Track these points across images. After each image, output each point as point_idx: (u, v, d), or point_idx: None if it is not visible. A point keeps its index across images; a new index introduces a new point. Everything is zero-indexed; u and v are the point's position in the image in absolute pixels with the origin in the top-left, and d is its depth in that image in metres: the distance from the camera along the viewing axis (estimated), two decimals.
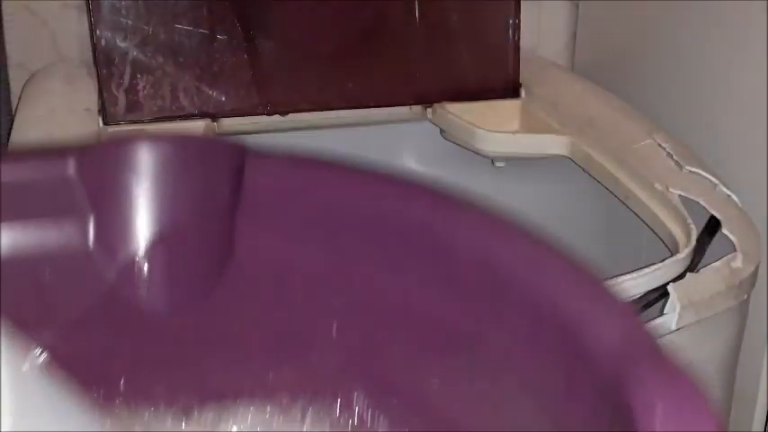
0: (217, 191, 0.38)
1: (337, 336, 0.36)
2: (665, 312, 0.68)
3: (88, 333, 0.36)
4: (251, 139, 1.06)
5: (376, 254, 0.35)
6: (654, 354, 0.29)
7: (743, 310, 0.76)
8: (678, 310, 0.68)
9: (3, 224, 0.36)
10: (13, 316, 0.32)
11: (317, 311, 0.36)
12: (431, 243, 0.34)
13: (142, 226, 0.37)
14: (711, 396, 0.75)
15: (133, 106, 0.96)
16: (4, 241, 0.36)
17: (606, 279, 0.68)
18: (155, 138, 0.38)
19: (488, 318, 0.34)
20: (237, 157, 0.38)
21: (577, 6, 1.25)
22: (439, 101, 1.06)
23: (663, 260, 0.70)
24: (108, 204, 0.37)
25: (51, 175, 0.37)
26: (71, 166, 0.37)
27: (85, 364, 0.36)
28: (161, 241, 0.37)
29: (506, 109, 1.07)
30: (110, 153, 0.38)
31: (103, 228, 0.37)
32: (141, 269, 0.37)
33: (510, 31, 1.06)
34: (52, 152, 0.38)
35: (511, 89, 1.08)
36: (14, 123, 0.90)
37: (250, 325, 0.37)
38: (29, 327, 0.33)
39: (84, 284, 0.37)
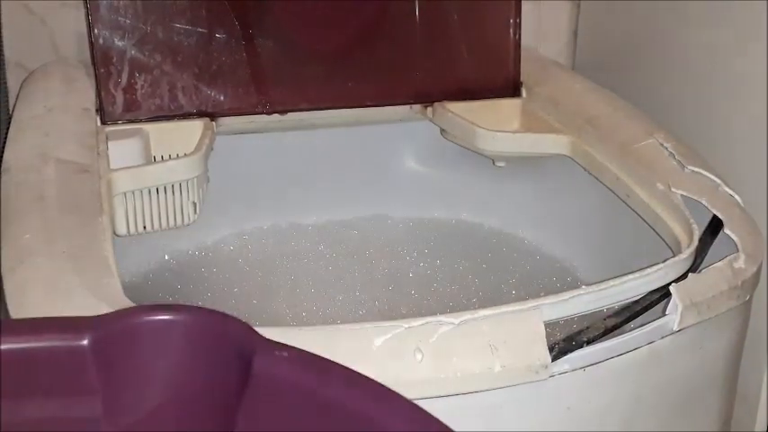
0: (225, 371, 0.39)
1: None
2: (666, 313, 0.68)
3: None
4: (251, 139, 1.06)
5: None
6: None
7: (745, 310, 0.75)
8: (680, 310, 0.68)
9: (16, 396, 0.37)
10: None
11: None
12: None
13: (149, 397, 0.38)
14: (714, 397, 0.75)
15: (131, 105, 0.96)
16: (15, 411, 0.37)
17: (607, 279, 0.67)
18: (169, 312, 0.39)
19: None
20: (249, 342, 0.39)
21: (578, 5, 1.25)
22: (439, 100, 1.06)
23: (665, 260, 0.70)
24: (118, 376, 0.39)
25: (66, 349, 0.38)
26: (86, 341, 0.38)
27: None
28: (165, 412, 0.38)
29: (507, 108, 1.07)
30: (123, 328, 0.39)
31: (112, 397, 0.38)
32: None
33: (511, 30, 1.06)
34: (69, 326, 0.39)
35: (511, 88, 1.07)
36: (12, 122, 0.90)
37: None
38: None
39: None
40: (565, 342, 0.64)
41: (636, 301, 0.68)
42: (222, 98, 0.99)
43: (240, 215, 1.08)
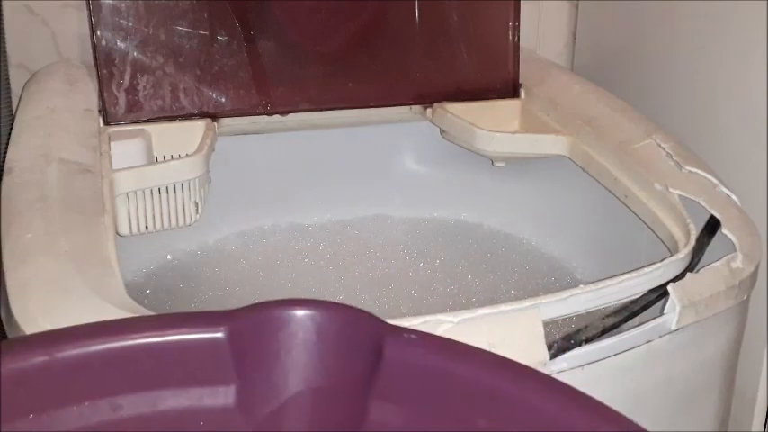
0: (356, 360, 0.40)
1: None
2: (665, 312, 0.68)
3: None
4: (252, 139, 1.06)
5: None
6: None
7: (743, 310, 0.76)
8: (678, 310, 0.68)
9: (158, 388, 0.39)
10: None
11: None
12: None
13: (282, 388, 0.40)
14: (711, 396, 0.75)
15: (133, 106, 0.96)
16: (155, 403, 0.39)
17: (606, 278, 0.68)
18: (300, 307, 0.40)
19: None
20: (378, 331, 0.40)
21: (577, 7, 1.25)
22: (439, 101, 1.06)
23: (662, 260, 0.70)
24: (253, 367, 0.40)
25: (204, 341, 0.40)
26: (222, 333, 0.40)
27: None
28: (298, 403, 0.40)
29: (506, 109, 1.07)
30: (259, 321, 0.40)
31: (246, 388, 0.40)
32: (277, 427, 0.39)
33: (510, 32, 1.06)
34: (205, 319, 0.40)
35: (511, 89, 1.08)
36: (15, 123, 0.90)
37: None
38: None
39: None
40: (563, 340, 0.64)
41: (634, 301, 0.69)
42: (223, 99, 0.99)
43: (241, 215, 1.08)
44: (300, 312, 0.40)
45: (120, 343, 0.38)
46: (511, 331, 0.62)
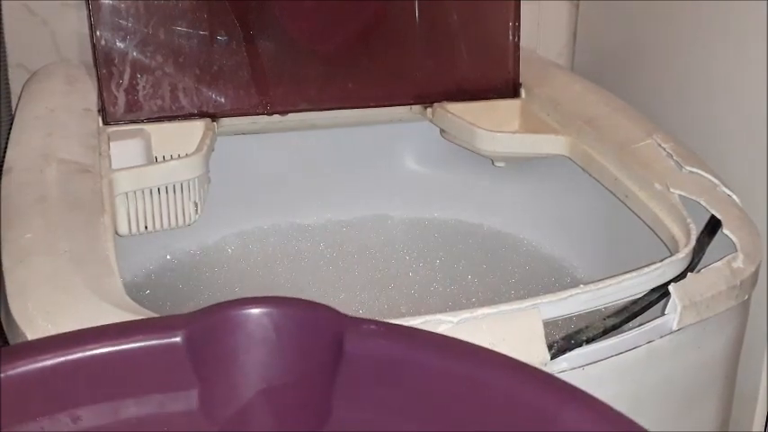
0: (316, 355, 0.40)
1: None
2: (666, 313, 0.68)
3: None
4: (251, 139, 1.06)
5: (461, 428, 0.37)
6: None
7: (744, 310, 0.76)
8: (679, 310, 0.68)
9: (118, 397, 0.39)
10: None
11: None
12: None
13: (244, 388, 0.39)
14: (712, 396, 0.75)
15: (133, 106, 0.96)
16: (116, 412, 0.39)
17: (606, 278, 0.68)
18: (257, 305, 0.40)
19: None
20: (337, 324, 0.39)
21: (577, 6, 1.25)
22: (439, 101, 1.06)
23: (663, 260, 0.70)
24: (212, 370, 0.39)
25: (161, 347, 0.39)
26: (180, 337, 0.39)
27: None
28: (261, 401, 0.39)
29: (506, 109, 1.07)
30: (215, 323, 0.40)
31: (208, 391, 0.39)
32: (241, 428, 0.39)
33: (510, 31, 1.06)
34: (162, 325, 0.40)
35: (511, 89, 1.08)
36: (14, 123, 0.90)
37: None
38: None
39: None
40: (564, 341, 0.64)
41: (635, 301, 0.69)
42: (223, 99, 0.99)
43: (241, 215, 1.08)
44: (256, 311, 0.40)
45: (76, 355, 0.38)
46: (511, 331, 0.62)
